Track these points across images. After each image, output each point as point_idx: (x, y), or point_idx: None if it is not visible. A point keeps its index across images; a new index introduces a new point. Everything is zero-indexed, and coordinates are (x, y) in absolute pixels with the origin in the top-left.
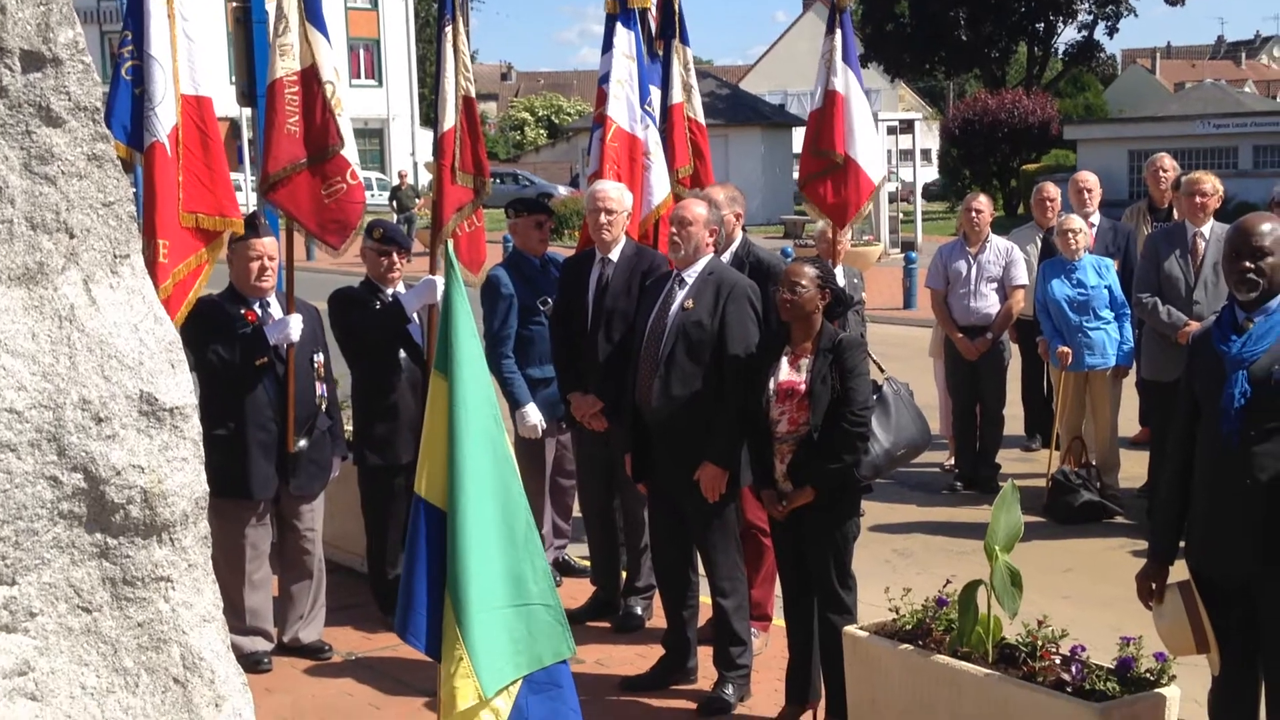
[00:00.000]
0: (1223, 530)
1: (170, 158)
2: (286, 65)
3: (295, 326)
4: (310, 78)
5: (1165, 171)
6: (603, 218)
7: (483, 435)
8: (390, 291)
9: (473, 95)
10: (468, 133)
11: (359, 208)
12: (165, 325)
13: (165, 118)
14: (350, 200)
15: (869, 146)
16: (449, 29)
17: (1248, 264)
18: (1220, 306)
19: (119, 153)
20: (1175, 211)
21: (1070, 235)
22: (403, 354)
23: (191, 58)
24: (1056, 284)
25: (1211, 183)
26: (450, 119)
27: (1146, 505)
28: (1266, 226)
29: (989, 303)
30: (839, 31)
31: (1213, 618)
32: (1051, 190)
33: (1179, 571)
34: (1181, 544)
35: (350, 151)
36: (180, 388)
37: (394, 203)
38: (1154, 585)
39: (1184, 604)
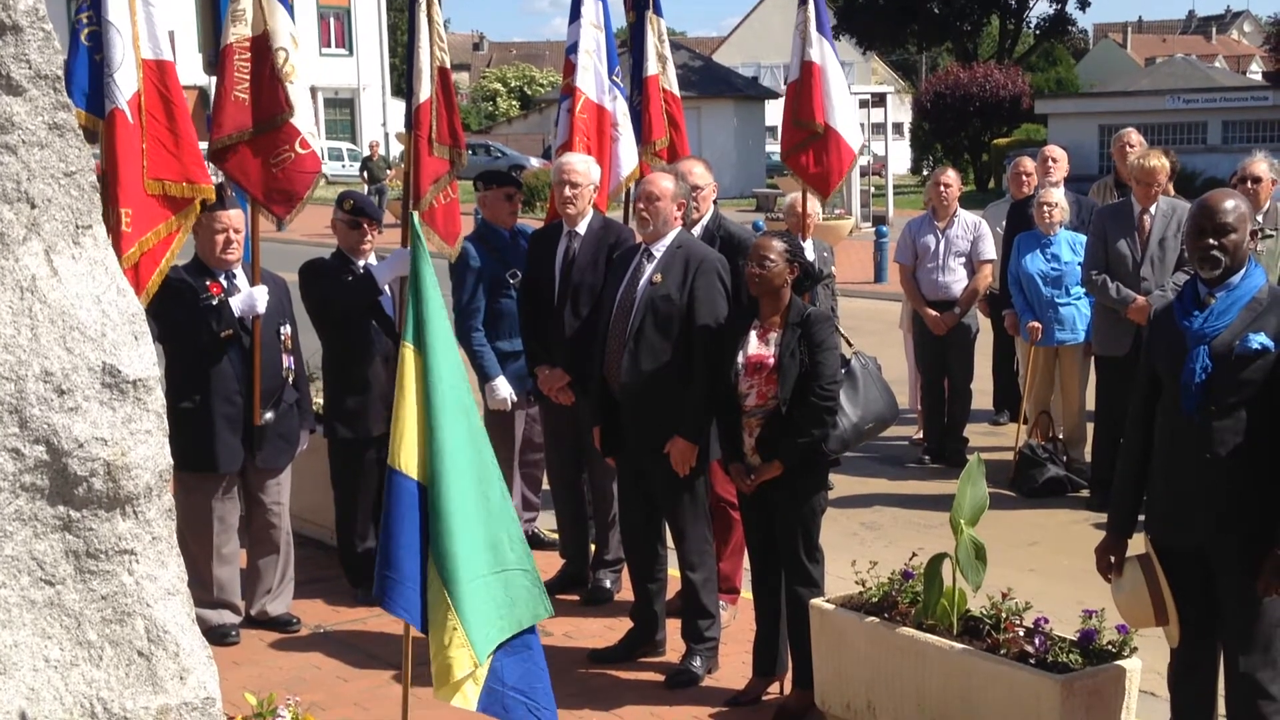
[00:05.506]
0: (1182, 504)
1: (132, 124)
2: (238, 31)
3: (261, 298)
4: (262, 45)
5: (1132, 147)
6: (568, 190)
7: (457, 406)
8: (362, 263)
9: (448, 66)
10: (443, 104)
11: (309, 178)
12: (128, 297)
13: (125, 84)
14: (299, 170)
15: (847, 115)
16: None
17: (1211, 241)
18: (1166, 281)
19: (79, 120)
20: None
21: (1046, 208)
22: (374, 326)
23: (151, 22)
24: (1030, 258)
25: (1165, 168)
26: (426, 90)
27: (1088, 473)
28: (1230, 204)
29: (957, 277)
30: (811, 2)
31: (1172, 590)
32: (1028, 164)
33: (1139, 545)
34: (1141, 517)
35: (303, 120)
36: (144, 360)
37: (365, 174)
38: (1113, 558)
39: (1144, 576)
